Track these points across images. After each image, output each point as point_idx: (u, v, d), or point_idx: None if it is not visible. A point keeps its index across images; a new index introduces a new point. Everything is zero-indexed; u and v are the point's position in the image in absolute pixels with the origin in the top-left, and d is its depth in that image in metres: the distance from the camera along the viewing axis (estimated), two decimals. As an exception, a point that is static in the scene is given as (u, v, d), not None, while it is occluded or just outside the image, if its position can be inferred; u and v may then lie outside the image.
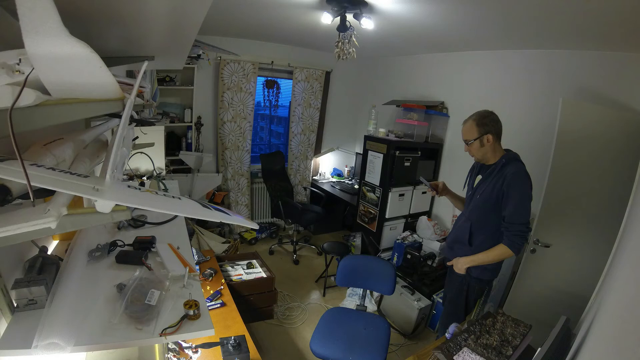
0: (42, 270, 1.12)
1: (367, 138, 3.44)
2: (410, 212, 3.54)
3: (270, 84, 4.30)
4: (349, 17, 2.29)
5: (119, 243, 1.45)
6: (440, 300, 2.74)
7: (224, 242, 3.26)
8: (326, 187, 4.46)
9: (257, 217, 4.55)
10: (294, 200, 4.47)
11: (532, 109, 2.87)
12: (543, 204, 2.46)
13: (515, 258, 2.71)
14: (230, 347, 1.55)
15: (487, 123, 1.80)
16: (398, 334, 2.79)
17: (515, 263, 2.70)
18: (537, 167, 2.77)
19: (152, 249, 1.45)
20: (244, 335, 1.72)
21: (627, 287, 1.00)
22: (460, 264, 1.85)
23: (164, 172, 2.12)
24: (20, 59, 0.53)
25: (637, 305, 0.80)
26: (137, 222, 1.64)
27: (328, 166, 4.97)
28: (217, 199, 3.91)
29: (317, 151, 4.70)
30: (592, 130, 2.24)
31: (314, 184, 4.69)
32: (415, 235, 3.37)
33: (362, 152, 3.58)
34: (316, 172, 4.87)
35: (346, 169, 4.91)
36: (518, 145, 2.97)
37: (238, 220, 0.80)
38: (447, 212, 3.66)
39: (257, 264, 2.74)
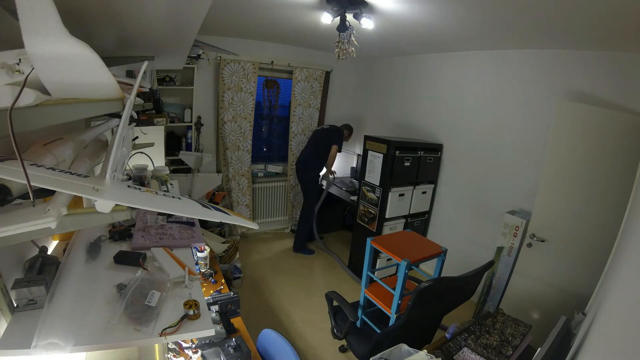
0: (42, 270, 1.13)
1: (367, 138, 3.42)
2: (410, 212, 3.54)
3: (270, 84, 4.30)
4: (349, 17, 2.29)
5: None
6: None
7: (224, 242, 3.26)
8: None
9: (258, 217, 4.55)
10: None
11: (531, 106, 2.87)
12: (539, 200, 2.51)
13: (514, 255, 2.73)
14: (230, 349, 1.55)
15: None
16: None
17: (514, 260, 2.71)
18: (534, 165, 2.79)
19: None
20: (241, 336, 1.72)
21: (628, 287, 1.00)
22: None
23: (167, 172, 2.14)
24: (20, 59, 0.54)
25: (637, 305, 0.80)
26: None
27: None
28: (217, 199, 3.91)
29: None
30: (588, 130, 2.29)
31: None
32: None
33: (361, 153, 3.57)
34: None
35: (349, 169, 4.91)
36: (516, 142, 3.00)
37: (238, 220, 0.80)
38: (446, 212, 3.66)
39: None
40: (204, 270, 2.17)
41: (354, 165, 4.75)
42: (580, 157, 2.33)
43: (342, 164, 4.94)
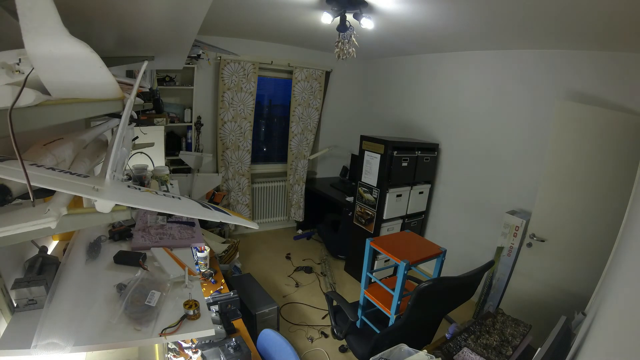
0: (42, 270, 1.12)
1: (364, 137, 3.39)
2: (408, 213, 3.53)
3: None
4: (349, 17, 2.28)
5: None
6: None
7: (224, 242, 3.26)
8: (323, 187, 4.48)
9: (258, 217, 4.55)
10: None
11: (531, 106, 2.87)
12: (539, 200, 2.51)
13: (514, 255, 2.73)
14: (230, 349, 1.55)
15: None
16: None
17: (514, 260, 2.71)
18: (534, 164, 2.79)
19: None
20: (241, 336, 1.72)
21: (628, 287, 1.00)
22: None
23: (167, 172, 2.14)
24: (20, 59, 0.54)
25: (637, 305, 0.80)
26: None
27: (325, 165, 4.98)
28: (217, 199, 3.91)
29: (315, 151, 4.71)
30: (588, 130, 2.29)
31: (310, 183, 4.70)
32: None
33: (357, 153, 3.54)
34: (314, 172, 4.89)
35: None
36: (516, 141, 3.00)
37: (238, 220, 0.80)
38: (445, 211, 3.66)
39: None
40: (204, 270, 2.17)
41: (346, 165, 4.77)
42: (580, 156, 2.33)
43: (334, 163, 4.95)
